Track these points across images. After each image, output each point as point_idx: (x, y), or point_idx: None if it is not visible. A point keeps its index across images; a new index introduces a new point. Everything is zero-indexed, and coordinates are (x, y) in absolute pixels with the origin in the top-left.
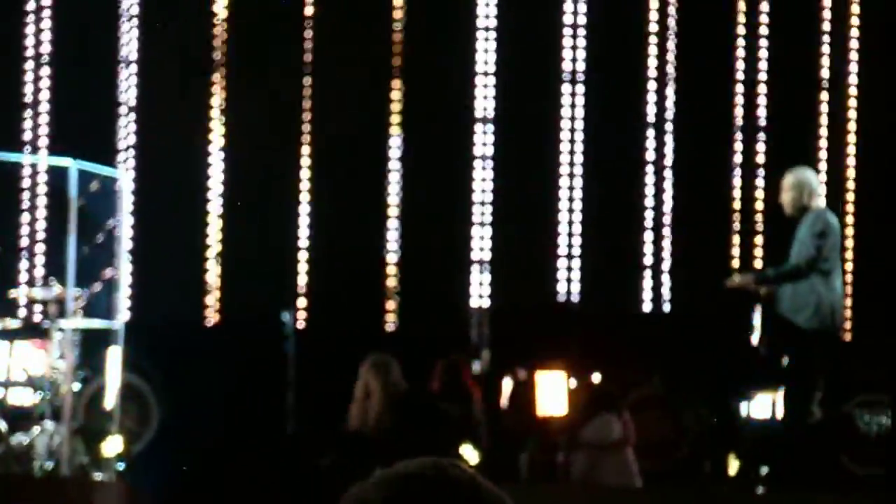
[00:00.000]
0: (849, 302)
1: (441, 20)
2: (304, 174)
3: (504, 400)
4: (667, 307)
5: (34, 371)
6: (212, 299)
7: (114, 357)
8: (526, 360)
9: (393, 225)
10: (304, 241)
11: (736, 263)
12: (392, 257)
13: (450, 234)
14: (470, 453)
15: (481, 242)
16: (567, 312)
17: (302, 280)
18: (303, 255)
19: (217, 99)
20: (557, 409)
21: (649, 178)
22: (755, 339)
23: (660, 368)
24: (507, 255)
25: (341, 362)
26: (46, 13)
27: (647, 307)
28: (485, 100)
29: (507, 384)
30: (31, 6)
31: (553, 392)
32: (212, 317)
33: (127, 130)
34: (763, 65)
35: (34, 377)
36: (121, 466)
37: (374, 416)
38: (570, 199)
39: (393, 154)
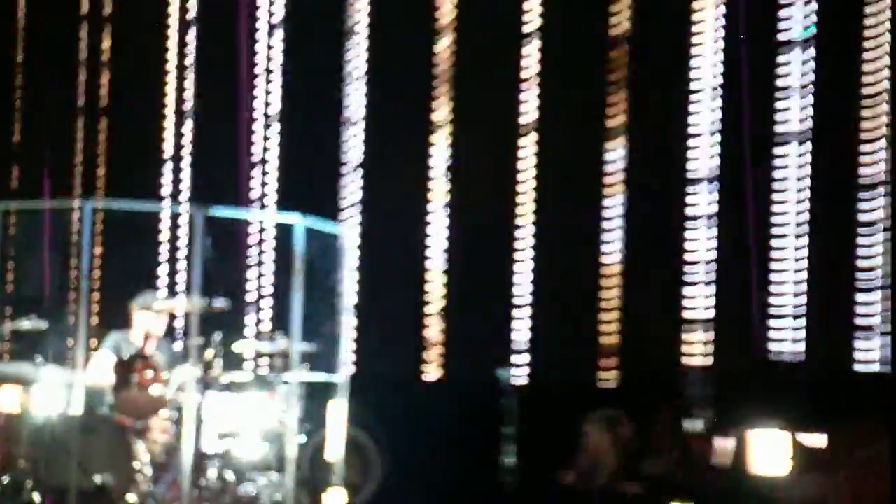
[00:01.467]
0: None
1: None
2: (525, 231)
3: (721, 458)
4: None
5: (260, 423)
6: (432, 355)
7: (337, 410)
8: (745, 420)
9: (610, 283)
10: (523, 298)
11: None
12: (610, 315)
13: (667, 292)
14: None
15: (696, 301)
16: (788, 372)
17: (521, 336)
18: (523, 312)
19: (441, 157)
20: (776, 469)
21: (872, 239)
22: None
23: (886, 430)
24: (722, 314)
25: (560, 418)
26: (275, 75)
27: (872, 368)
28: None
29: (726, 443)
30: (259, 69)
31: (771, 451)
32: (432, 372)
33: (351, 188)
34: None
35: (260, 429)
36: None
37: (605, 471)
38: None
39: (611, 212)
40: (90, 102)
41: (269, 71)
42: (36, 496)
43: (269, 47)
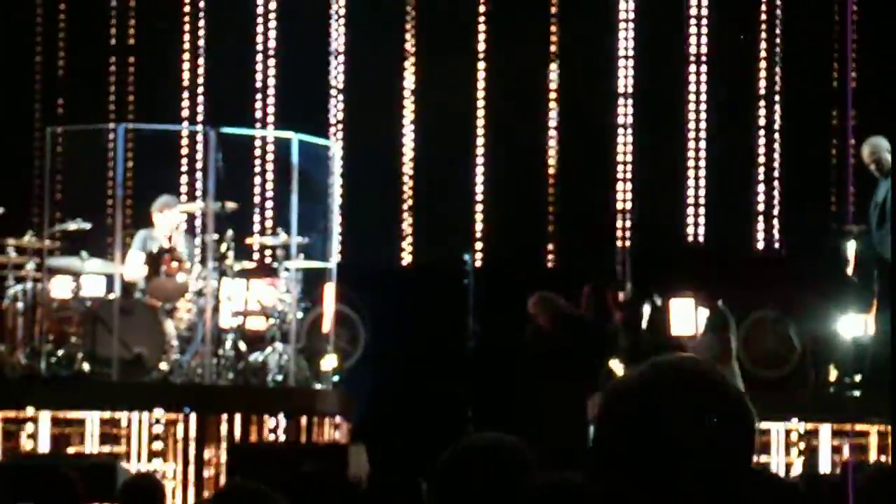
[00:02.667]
0: None
1: None
2: (479, 141)
3: (643, 323)
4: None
5: (266, 302)
6: (406, 244)
7: (329, 291)
8: (661, 290)
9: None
10: (479, 195)
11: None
12: (551, 209)
13: (597, 189)
14: (617, 366)
15: (625, 195)
16: (696, 252)
17: (479, 227)
18: (481, 206)
19: (409, 82)
20: (687, 330)
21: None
22: (849, 269)
23: (774, 296)
24: (644, 204)
25: (512, 292)
26: (272, 15)
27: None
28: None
29: (646, 309)
30: (259, 10)
31: (683, 316)
32: (406, 258)
33: (337, 109)
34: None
35: (266, 307)
36: (336, 379)
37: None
38: (697, 160)
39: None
40: (120, 41)
41: (266, 12)
42: (86, 365)
43: None
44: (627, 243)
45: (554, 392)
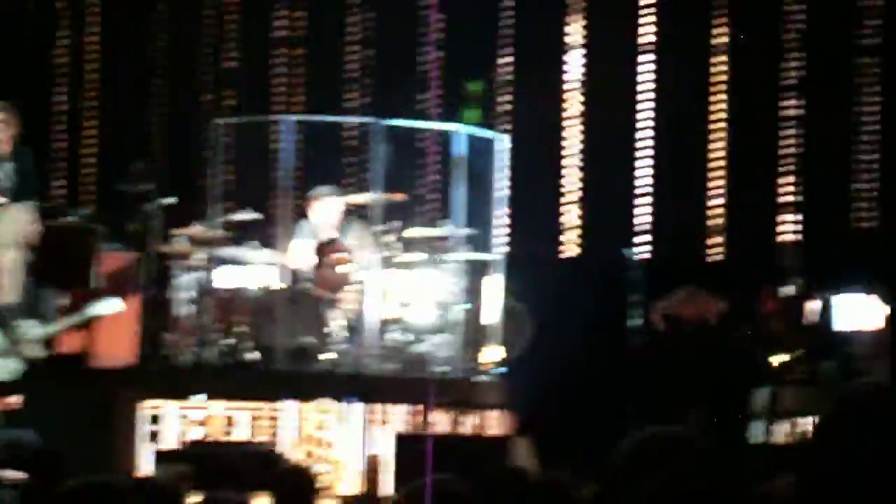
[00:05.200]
0: None
1: None
2: (645, 133)
3: (812, 318)
4: None
5: (431, 293)
6: (571, 236)
7: (493, 283)
8: (832, 284)
9: (717, 174)
10: (644, 188)
11: None
12: (718, 200)
13: (765, 182)
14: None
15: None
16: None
17: (643, 219)
18: (645, 199)
19: (575, 74)
20: (857, 325)
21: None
22: None
23: None
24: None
25: (674, 287)
26: (438, 6)
27: None
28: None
29: (814, 305)
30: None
31: (853, 311)
32: (571, 250)
33: (502, 101)
34: None
35: (431, 298)
36: (500, 371)
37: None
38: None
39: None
40: (289, 33)
41: (429, 6)
42: (253, 355)
43: None
44: (797, 237)
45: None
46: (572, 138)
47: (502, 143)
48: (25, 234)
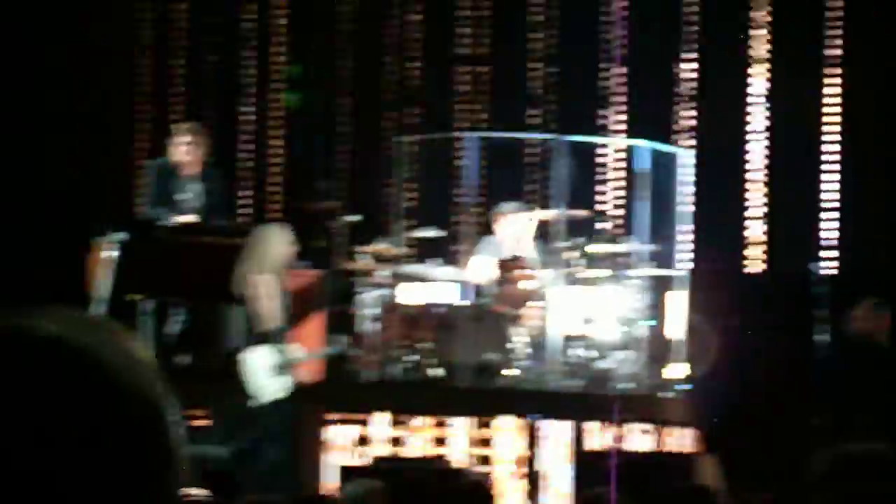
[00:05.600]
0: None
1: None
2: (830, 147)
3: None
4: None
5: (615, 310)
6: (756, 251)
7: (677, 298)
8: None
9: None
10: (832, 203)
11: None
12: None
13: None
14: None
15: None
16: None
17: (830, 234)
18: (831, 215)
19: (758, 87)
20: None
21: None
22: None
23: None
24: None
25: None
26: (623, 23)
27: None
28: None
29: None
30: (607, 17)
31: None
32: (755, 266)
33: (686, 115)
34: None
35: (615, 315)
36: (686, 387)
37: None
38: None
39: None
40: (471, 50)
41: (612, 21)
42: (437, 371)
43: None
44: None
45: None
46: (756, 152)
47: (686, 158)
48: (284, 257)
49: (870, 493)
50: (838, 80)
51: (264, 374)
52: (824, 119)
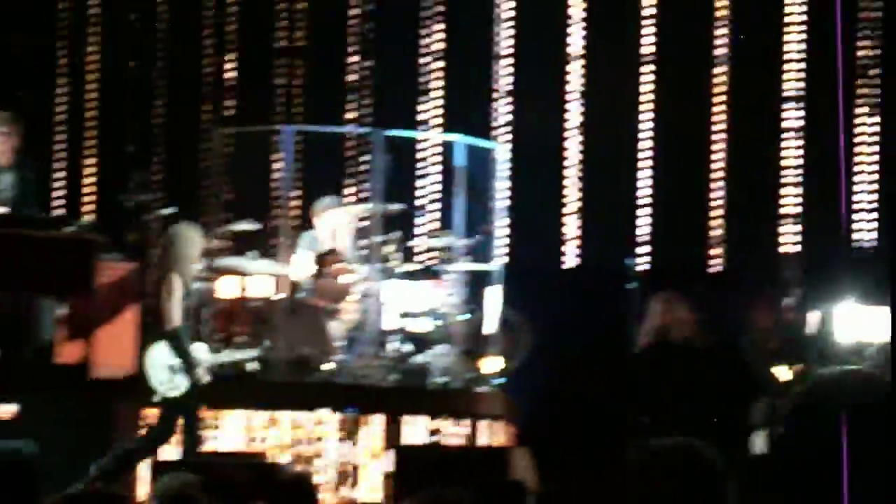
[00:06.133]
0: None
1: None
2: (645, 144)
3: (810, 329)
4: None
5: (431, 304)
6: (571, 246)
7: (493, 294)
8: (829, 297)
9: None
10: (645, 198)
11: None
12: (718, 211)
13: (764, 193)
14: (783, 373)
15: (792, 198)
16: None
17: (643, 230)
18: (645, 211)
19: (575, 84)
20: (857, 336)
21: None
22: None
23: None
24: (813, 209)
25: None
26: (439, 18)
27: None
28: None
29: (814, 316)
30: (425, 12)
31: (854, 322)
32: (570, 261)
33: (502, 111)
34: None
35: (431, 309)
36: (500, 381)
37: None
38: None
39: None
40: (288, 43)
41: (430, 16)
42: (252, 365)
43: None
44: (797, 248)
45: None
46: (573, 148)
47: (502, 153)
48: (197, 256)
49: (676, 485)
50: (652, 77)
51: (163, 371)
52: (640, 116)
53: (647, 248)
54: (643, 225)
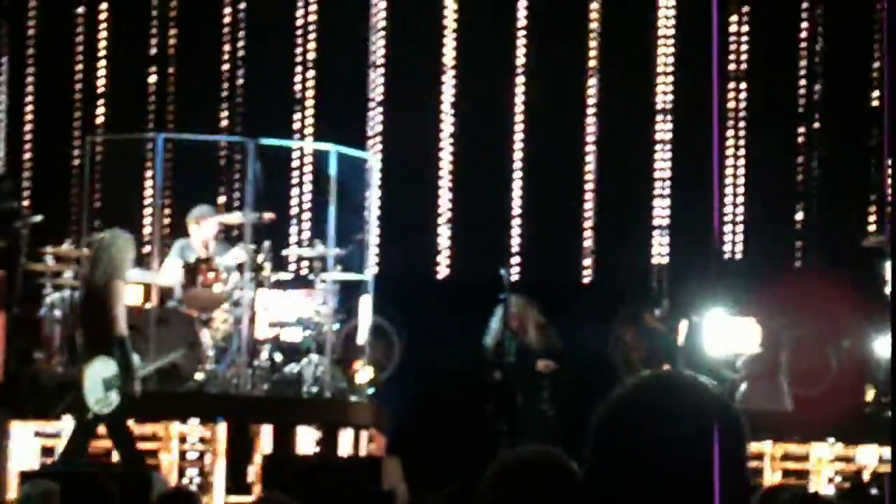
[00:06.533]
0: None
1: None
2: (517, 155)
3: (680, 339)
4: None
5: (302, 314)
6: (443, 257)
7: (365, 303)
8: (697, 307)
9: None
10: (517, 209)
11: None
12: (589, 222)
13: (635, 205)
14: None
15: (661, 210)
16: (731, 268)
17: (516, 241)
18: (517, 222)
19: (448, 95)
20: (727, 347)
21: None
22: (887, 290)
23: (812, 314)
24: (682, 220)
25: (549, 308)
26: (312, 27)
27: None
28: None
29: (683, 326)
30: (299, 21)
31: (724, 332)
32: (443, 271)
33: (375, 121)
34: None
35: (302, 319)
36: (371, 391)
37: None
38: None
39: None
40: (160, 51)
41: (306, 24)
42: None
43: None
44: (665, 259)
45: None
46: (446, 159)
47: (374, 163)
48: (131, 263)
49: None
50: (524, 89)
51: (99, 387)
52: (514, 126)
53: (519, 259)
54: (515, 236)
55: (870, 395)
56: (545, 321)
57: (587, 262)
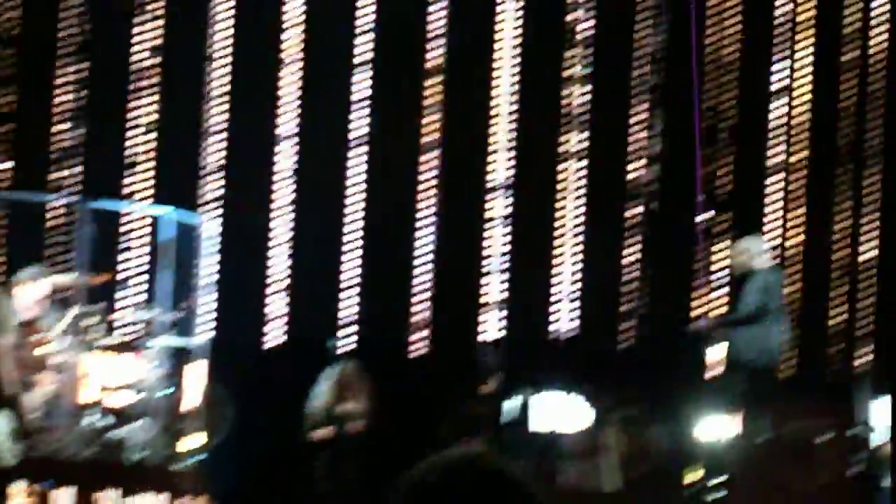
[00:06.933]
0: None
1: None
2: (352, 227)
3: (511, 416)
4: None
5: (132, 378)
6: (276, 325)
7: (196, 369)
8: (529, 384)
9: (426, 268)
10: (350, 279)
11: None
12: (425, 294)
13: (469, 280)
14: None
15: (492, 287)
16: (561, 347)
17: (348, 311)
18: (349, 291)
19: (283, 166)
20: (553, 425)
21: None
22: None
23: (636, 395)
24: (516, 296)
25: (378, 380)
26: (151, 90)
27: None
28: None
29: (515, 402)
30: (136, 84)
31: (554, 410)
32: (275, 339)
33: (210, 187)
34: None
35: (131, 383)
36: (200, 457)
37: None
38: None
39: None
40: None
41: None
42: None
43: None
44: (498, 334)
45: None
46: (280, 227)
47: (209, 229)
48: (10, 320)
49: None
50: (364, 158)
51: (6, 440)
52: (346, 198)
53: (352, 329)
54: (349, 306)
55: (690, 477)
56: (372, 390)
57: (419, 335)
